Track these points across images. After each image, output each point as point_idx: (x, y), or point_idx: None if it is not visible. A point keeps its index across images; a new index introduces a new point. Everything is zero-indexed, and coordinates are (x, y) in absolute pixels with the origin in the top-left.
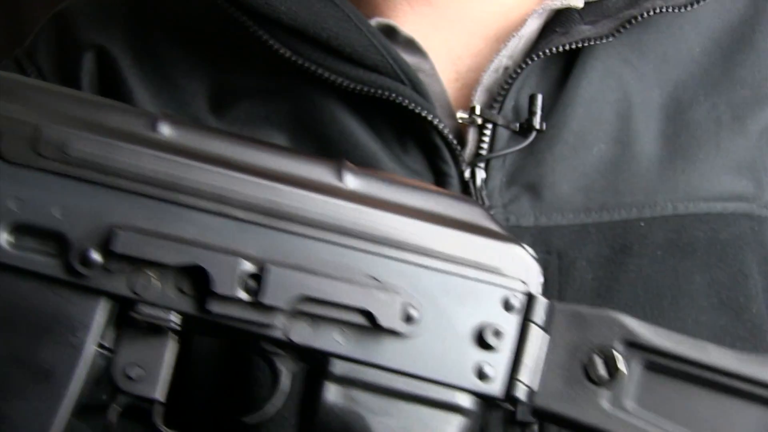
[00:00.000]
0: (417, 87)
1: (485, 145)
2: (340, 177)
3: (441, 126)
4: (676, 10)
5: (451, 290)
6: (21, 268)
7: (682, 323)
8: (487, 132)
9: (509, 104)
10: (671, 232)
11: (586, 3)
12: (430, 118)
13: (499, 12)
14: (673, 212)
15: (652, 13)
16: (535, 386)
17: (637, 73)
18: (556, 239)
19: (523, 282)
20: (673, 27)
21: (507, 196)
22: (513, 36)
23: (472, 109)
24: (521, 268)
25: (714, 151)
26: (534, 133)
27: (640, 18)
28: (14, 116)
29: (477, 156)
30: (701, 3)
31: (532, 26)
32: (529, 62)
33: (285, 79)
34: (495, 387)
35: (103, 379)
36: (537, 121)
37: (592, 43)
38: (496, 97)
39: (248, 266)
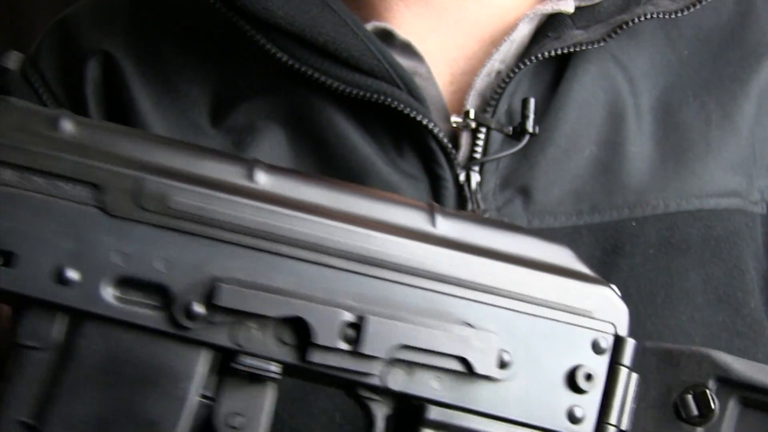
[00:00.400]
0: (413, 91)
1: (479, 149)
2: (433, 222)
3: (436, 130)
4: (667, 16)
5: (542, 334)
6: (126, 322)
7: (676, 320)
8: (481, 136)
9: (502, 108)
10: (664, 230)
11: (578, 8)
12: (425, 122)
13: (496, 14)
14: (664, 210)
15: (643, 18)
16: (626, 427)
17: (628, 76)
18: None
19: (612, 324)
20: (661, 31)
21: (501, 199)
22: (505, 40)
23: (466, 113)
24: (610, 310)
25: (705, 150)
26: (527, 137)
27: (631, 23)
28: (116, 170)
29: (471, 159)
30: (692, 9)
31: (524, 30)
32: (522, 66)
33: (283, 83)
34: (586, 430)
35: (206, 428)
36: (530, 125)
37: (584, 47)
38: (490, 101)
39: (347, 316)
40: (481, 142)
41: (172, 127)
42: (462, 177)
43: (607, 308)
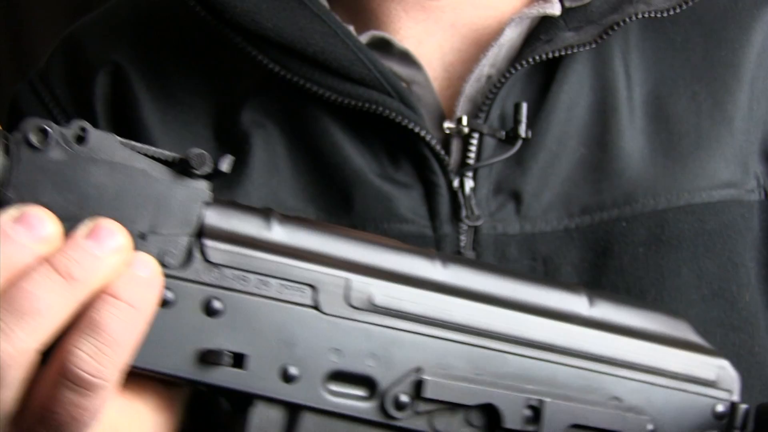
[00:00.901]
0: (404, 99)
1: (472, 155)
2: (590, 303)
3: (428, 138)
4: (659, 15)
5: (675, 404)
6: (341, 413)
7: None
8: (474, 141)
9: (495, 113)
10: (654, 227)
11: (569, 9)
12: (417, 130)
13: (492, 17)
14: (654, 208)
15: (634, 18)
16: None
17: (621, 71)
18: (541, 246)
19: (730, 391)
20: (653, 24)
21: (494, 204)
22: (492, 45)
23: (459, 120)
24: (728, 379)
25: (696, 142)
26: (520, 142)
27: (622, 23)
28: (329, 271)
29: (464, 165)
30: (684, 7)
31: (512, 34)
32: (513, 71)
33: (278, 94)
34: None
35: None
36: (522, 130)
37: (575, 50)
38: (482, 107)
39: (529, 400)
40: (474, 148)
41: (176, 141)
42: (456, 183)
43: (725, 377)
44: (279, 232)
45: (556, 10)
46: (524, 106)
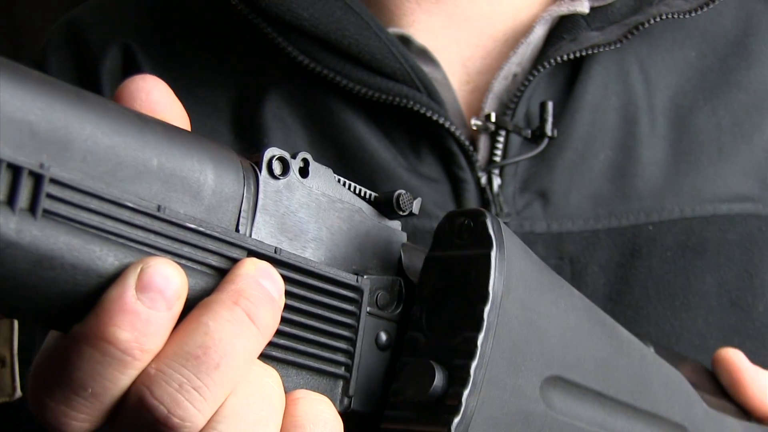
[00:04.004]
0: (432, 94)
1: (499, 152)
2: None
3: (458, 133)
4: (681, 16)
5: None
6: None
7: (692, 323)
8: (501, 139)
9: (521, 111)
10: (680, 234)
11: (592, 9)
12: (447, 125)
13: (508, 12)
14: (680, 215)
15: (658, 19)
16: None
17: (641, 78)
18: (568, 245)
19: None
20: (669, 31)
21: (520, 202)
22: (522, 43)
23: (487, 116)
24: None
25: (716, 155)
26: (546, 140)
27: (646, 24)
28: None
29: (491, 162)
30: (705, 9)
31: (539, 32)
32: (541, 69)
33: (303, 86)
34: None
35: None
36: (549, 128)
37: (600, 50)
38: (509, 104)
39: None
40: (500, 145)
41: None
42: (483, 180)
43: None
44: None
45: (585, 8)
46: (550, 105)
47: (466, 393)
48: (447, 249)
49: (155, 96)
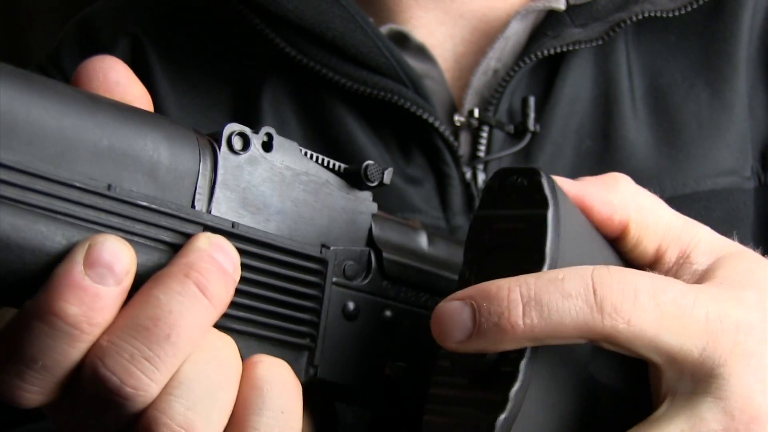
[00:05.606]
0: (419, 89)
1: (482, 147)
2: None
3: (442, 128)
4: (664, 15)
5: None
6: None
7: None
8: (484, 135)
9: (503, 107)
10: None
11: (574, 6)
12: (431, 120)
13: (500, 9)
14: (660, 196)
15: (641, 16)
16: None
17: (621, 66)
18: None
19: None
20: (650, 23)
21: None
22: (498, 38)
23: (470, 112)
24: None
25: (697, 130)
26: (529, 135)
27: (629, 21)
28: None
29: (474, 158)
30: (689, 9)
31: (518, 28)
32: (522, 65)
33: (296, 80)
34: None
35: None
36: (531, 123)
37: (582, 46)
38: (491, 100)
39: None
40: (484, 141)
41: (191, 125)
42: (468, 175)
43: None
44: (425, 244)
45: (561, 5)
46: (532, 100)
47: (524, 362)
48: (498, 208)
49: (113, 77)
